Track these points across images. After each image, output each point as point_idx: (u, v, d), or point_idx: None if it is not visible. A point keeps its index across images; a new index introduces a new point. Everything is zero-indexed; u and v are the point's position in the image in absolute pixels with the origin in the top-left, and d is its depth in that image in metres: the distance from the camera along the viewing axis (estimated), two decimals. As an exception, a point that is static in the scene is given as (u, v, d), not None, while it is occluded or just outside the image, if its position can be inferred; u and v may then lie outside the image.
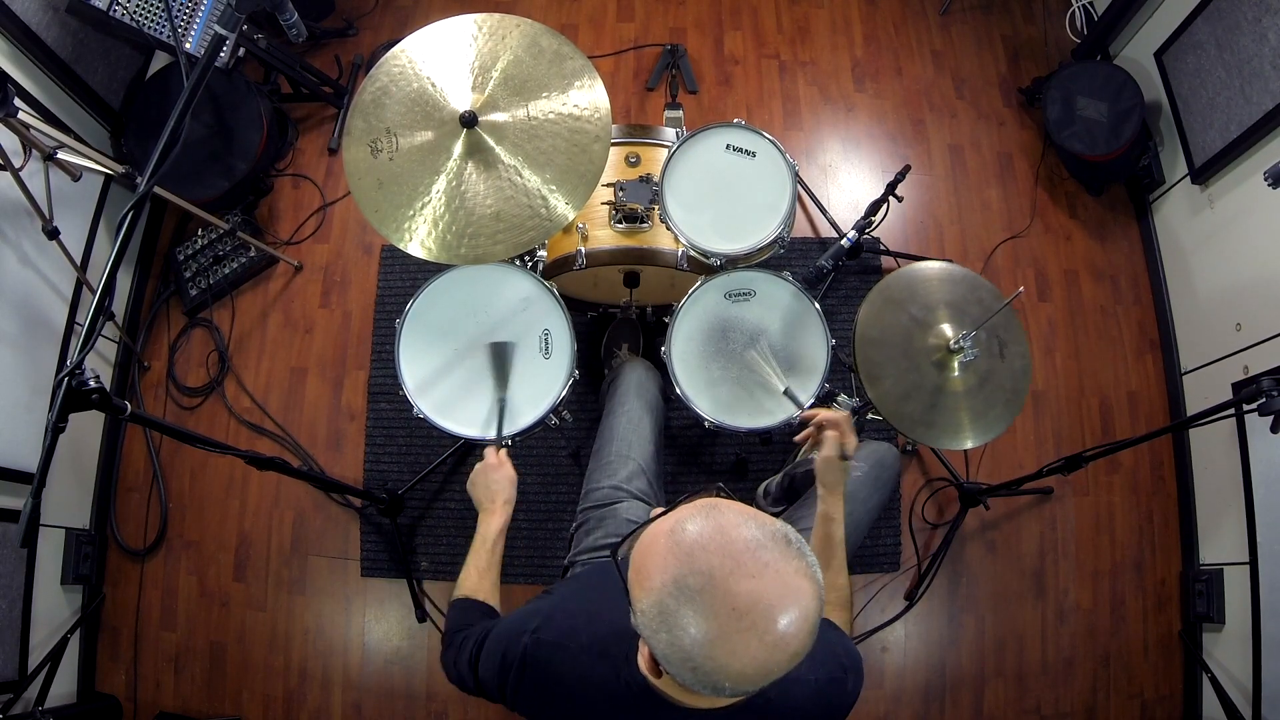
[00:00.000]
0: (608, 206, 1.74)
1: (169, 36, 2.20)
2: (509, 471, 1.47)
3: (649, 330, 2.29)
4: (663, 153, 1.76)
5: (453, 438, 1.67)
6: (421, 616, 2.20)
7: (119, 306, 2.46)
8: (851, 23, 2.84)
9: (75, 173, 1.94)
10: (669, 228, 1.70)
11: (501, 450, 1.51)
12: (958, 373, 1.58)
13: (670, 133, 1.81)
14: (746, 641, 0.74)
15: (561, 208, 1.48)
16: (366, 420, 2.38)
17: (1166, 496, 2.35)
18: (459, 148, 1.50)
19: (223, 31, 1.26)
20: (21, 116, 1.74)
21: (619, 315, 2.26)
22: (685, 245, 1.71)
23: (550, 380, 1.67)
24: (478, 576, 1.34)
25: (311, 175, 2.64)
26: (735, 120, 1.75)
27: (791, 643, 0.75)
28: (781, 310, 1.72)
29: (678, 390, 1.67)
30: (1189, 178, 2.34)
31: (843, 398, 1.74)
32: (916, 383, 1.58)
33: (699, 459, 2.32)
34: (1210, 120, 2.22)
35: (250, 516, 2.33)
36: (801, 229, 2.57)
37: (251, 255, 2.48)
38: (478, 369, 1.68)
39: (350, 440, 2.38)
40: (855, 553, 1.39)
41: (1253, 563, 2.00)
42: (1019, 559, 2.29)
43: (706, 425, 1.66)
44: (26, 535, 1.10)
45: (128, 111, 2.42)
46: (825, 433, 1.34)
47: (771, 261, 1.82)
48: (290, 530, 2.31)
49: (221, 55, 1.98)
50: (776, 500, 2.03)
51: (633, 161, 1.78)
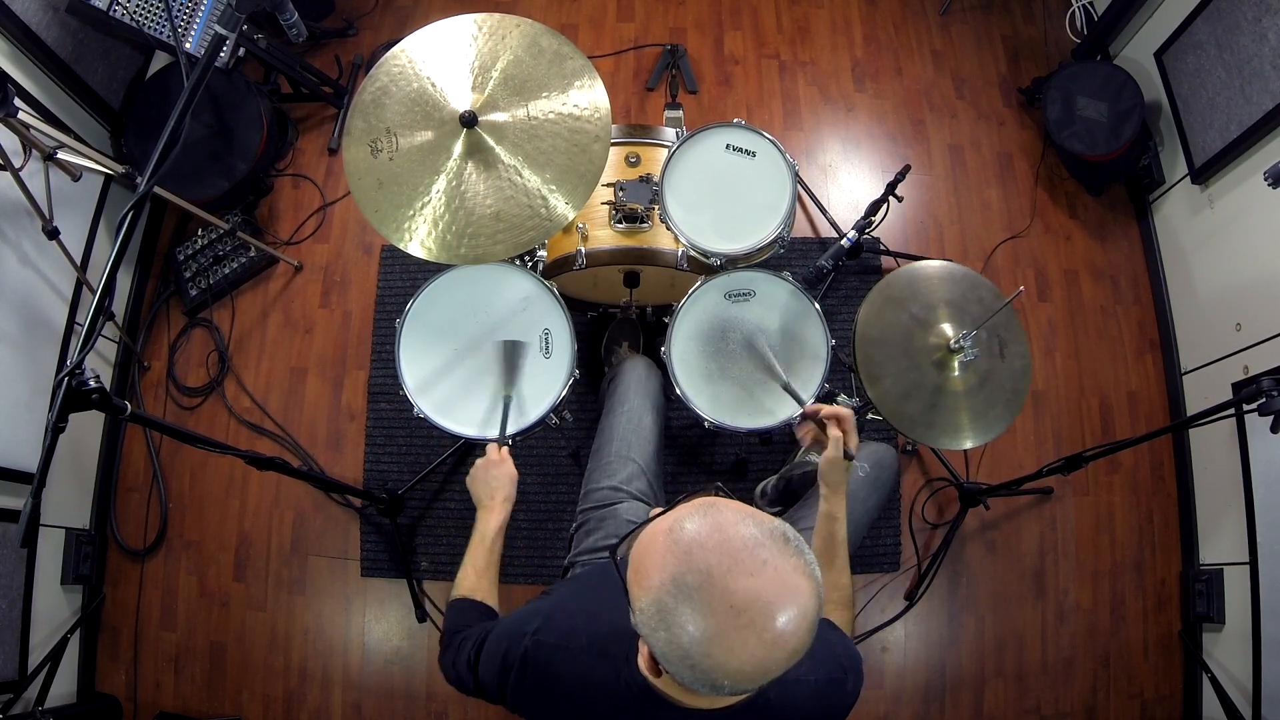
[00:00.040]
0: (608, 206, 1.74)
1: (169, 36, 2.20)
2: (510, 469, 1.46)
3: (649, 330, 2.29)
4: (663, 153, 1.76)
5: (453, 437, 1.67)
6: (421, 616, 2.20)
7: (119, 306, 2.46)
8: (851, 23, 2.84)
9: (75, 173, 1.94)
10: (669, 228, 1.70)
11: (504, 448, 1.50)
12: (958, 372, 1.58)
13: (670, 133, 1.81)
14: (745, 639, 0.74)
15: (561, 208, 1.48)
16: (366, 420, 2.38)
17: (1166, 496, 2.35)
18: (459, 148, 1.50)
19: (223, 31, 1.26)
20: (21, 116, 1.74)
21: (619, 315, 2.26)
22: (685, 245, 1.71)
23: (550, 380, 1.67)
24: (475, 576, 1.34)
25: (311, 175, 2.64)
26: (735, 120, 1.75)
27: (790, 640, 0.75)
28: (781, 310, 1.72)
29: (678, 390, 1.67)
30: (1189, 178, 2.34)
31: (843, 398, 1.74)
32: (916, 382, 1.58)
33: (699, 459, 2.32)
34: (1210, 120, 2.22)
35: (250, 516, 2.33)
36: (801, 229, 2.57)
37: (251, 255, 2.48)
38: (478, 369, 1.68)
39: (350, 440, 2.38)
40: (854, 553, 1.39)
41: (1253, 563, 2.00)
42: (1019, 559, 2.29)
43: (706, 425, 1.66)
44: (26, 535, 1.10)
45: (128, 111, 2.43)
46: (830, 432, 1.33)
47: (771, 261, 1.82)
48: (290, 530, 2.31)
49: (221, 55, 1.98)
50: (773, 502, 2.02)
51: (633, 161, 1.78)
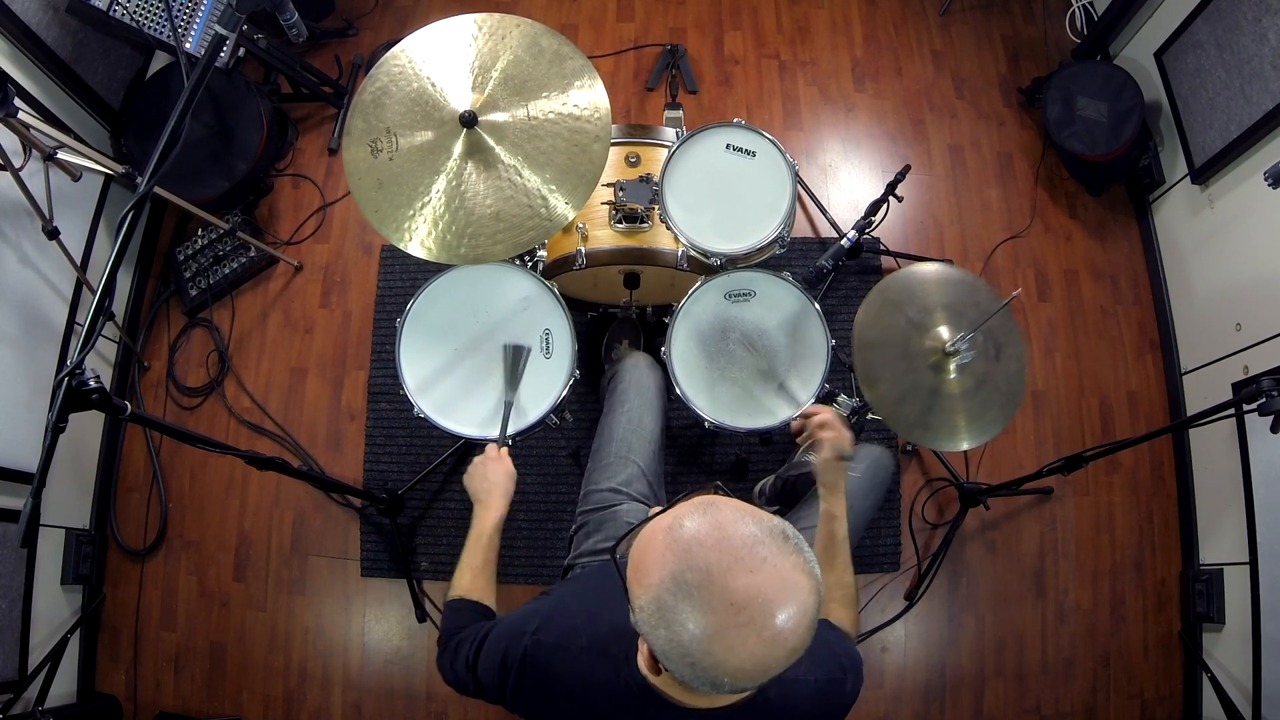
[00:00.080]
0: (608, 206, 1.74)
1: (169, 36, 2.20)
2: (507, 466, 1.45)
3: (649, 330, 2.29)
4: (663, 153, 1.76)
5: (453, 437, 1.67)
6: (421, 616, 2.20)
7: (119, 306, 2.46)
8: (851, 23, 2.84)
9: (75, 173, 1.94)
10: (669, 228, 1.71)
11: (503, 448, 1.50)
12: (954, 375, 1.58)
13: (670, 133, 1.81)
14: (744, 636, 0.74)
15: (561, 208, 1.48)
16: (366, 420, 2.38)
17: (1166, 496, 2.35)
18: (459, 148, 1.50)
19: (223, 31, 1.26)
20: (21, 116, 1.74)
21: (619, 315, 2.26)
22: (685, 245, 1.71)
23: (551, 380, 1.67)
24: (472, 576, 1.33)
25: (311, 175, 2.64)
26: (735, 120, 1.75)
27: (790, 638, 0.75)
28: (781, 310, 1.72)
29: (678, 390, 1.67)
30: (1189, 178, 2.34)
31: (843, 398, 1.74)
32: (913, 385, 1.58)
33: (699, 459, 2.32)
34: (1210, 120, 2.22)
35: (250, 516, 2.33)
36: (801, 229, 2.57)
37: (251, 255, 2.48)
38: (478, 369, 1.68)
39: (350, 440, 2.38)
40: (853, 553, 1.39)
41: (1253, 563, 2.00)
42: (1019, 559, 2.29)
43: (706, 425, 1.66)
44: (26, 535, 1.10)
45: (128, 111, 2.43)
46: (822, 435, 1.36)
47: (771, 261, 1.82)
48: (290, 530, 2.31)
49: (221, 55, 1.98)
50: (770, 502, 2.02)
51: (633, 161, 1.78)
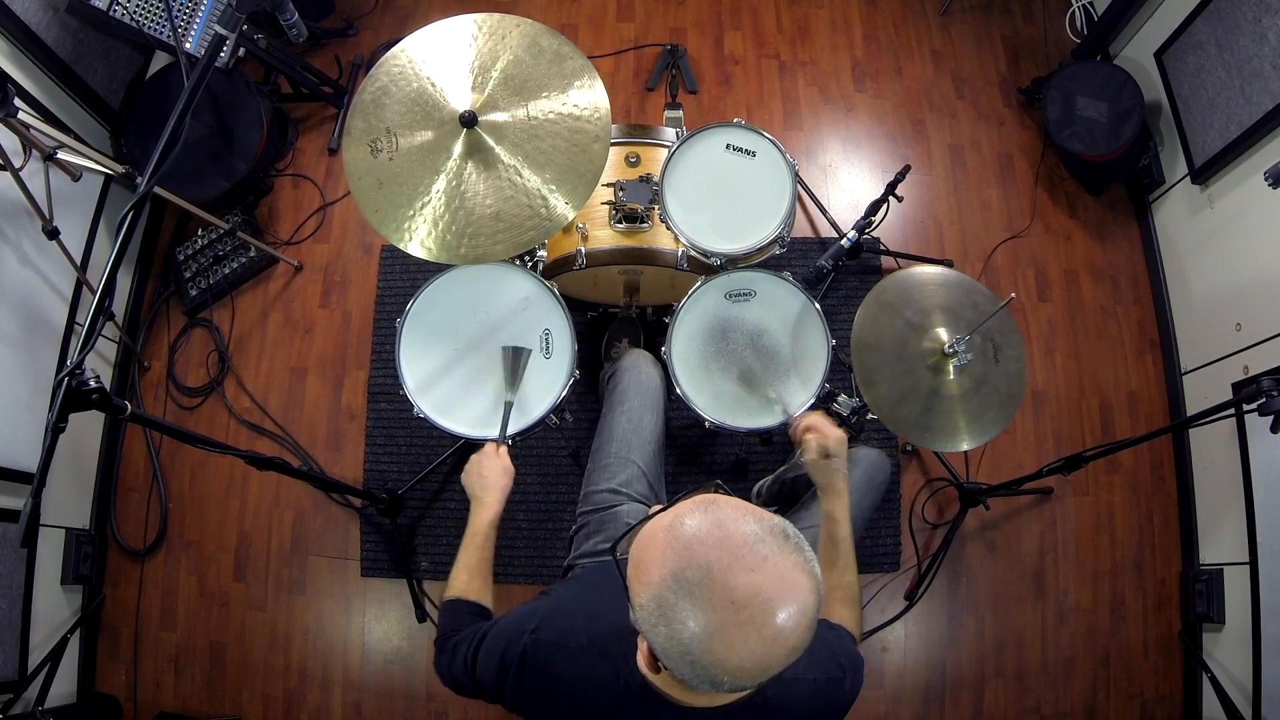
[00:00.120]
0: (608, 206, 1.74)
1: (169, 36, 2.20)
2: (504, 463, 1.45)
3: (649, 330, 2.29)
4: (663, 153, 1.76)
5: (453, 437, 1.67)
6: (421, 616, 2.20)
7: (119, 306, 2.46)
8: (851, 23, 2.84)
9: (75, 173, 1.95)
10: (669, 227, 1.71)
11: (502, 447, 1.50)
12: (953, 376, 1.58)
13: (670, 133, 1.81)
14: (744, 635, 0.74)
15: (561, 208, 1.48)
16: (366, 420, 2.38)
17: (1166, 496, 2.35)
18: (459, 148, 1.50)
19: (223, 31, 1.26)
20: (21, 116, 1.74)
21: (619, 315, 2.26)
22: (685, 245, 1.71)
23: (550, 380, 1.67)
24: (468, 575, 1.33)
25: (311, 175, 2.64)
26: (735, 120, 1.75)
27: (790, 637, 0.75)
28: (782, 310, 1.72)
29: (678, 390, 1.67)
30: (1189, 178, 2.34)
31: (843, 398, 1.74)
32: (912, 386, 1.58)
33: (699, 459, 2.32)
34: (1210, 120, 2.22)
35: (250, 516, 2.33)
36: (801, 229, 2.57)
37: (251, 255, 2.48)
38: (478, 369, 1.68)
39: (350, 440, 2.38)
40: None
41: (1253, 563, 2.00)
42: (1019, 559, 2.29)
43: (706, 425, 1.66)
44: (26, 535, 1.10)
45: (128, 111, 2.43)
46: (807, 437, 1.37)
47: (771, 261, 1.82)
48: (290, 530, 2.31)
49: (221, 55, 1.98)
50: (767, 502, 2.01)
51: (633, 161, 1.78)
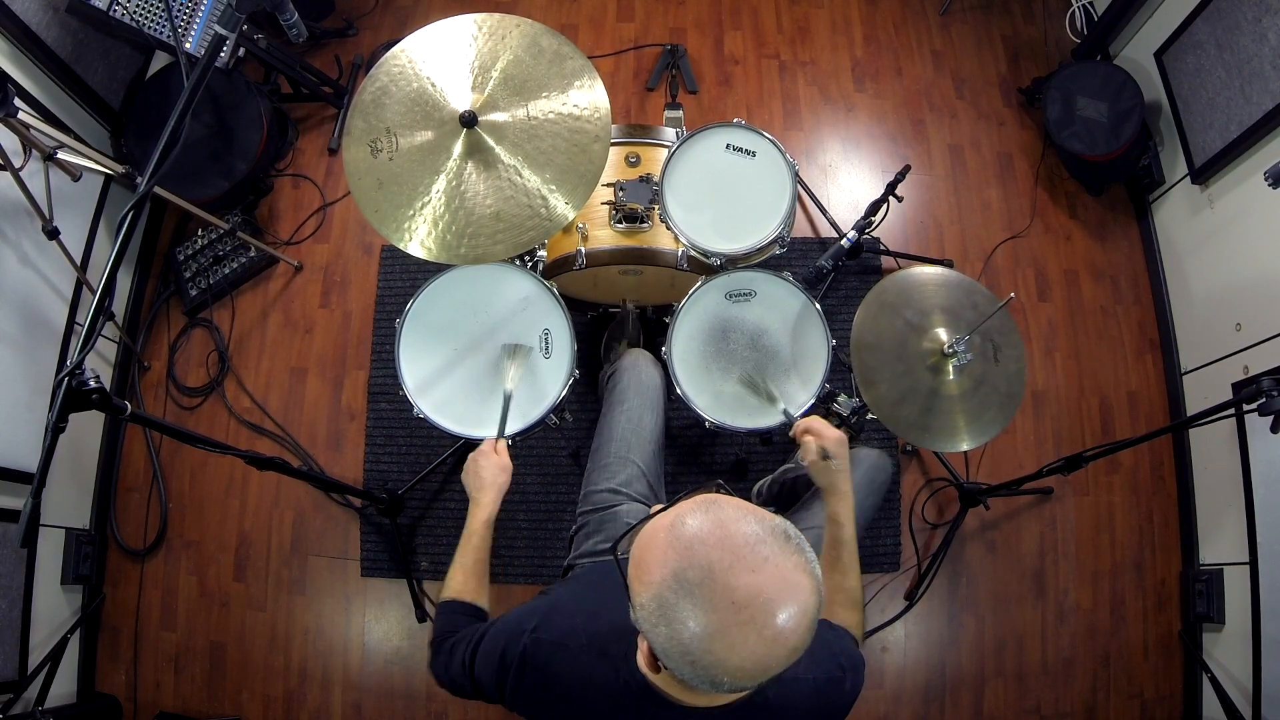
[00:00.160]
0: (608, 206, 1.74)
1: (169, 36, 2.20)
2: (501, 460, 1.44)
3: (649, 330, 2.29)
4: (663, 153, 1.76)
5: (453, 437, 1.67)
6: (421, 616, 2.20)
7: (119, 306, 2.46)
8: (851, 23, 2.84)
9: (75, 173, 1.94)
10: (669, 227, 1.71)
11: (501, 442, 1.49)
12: (952, 376, 1.58)
13: (670, 133, 1.81)
14: (745, 635, 0.74)
15: (561, 208, 1.48)
16: (366, 420, 2.38)
17: (1166, 496, 2.35)
18: (459, 148, 1.50)
19: (223, 31, 1.26)
20: (21, 116, 1.74)
21: (619, 315, 2.26)
22: (685, 245, 1.71)
23: (550, 380, 1.67)
24: (464, 576, 1.32)
25: (311, 175, 2.64)
26: (735, 120, 1.75)
27: (790, 638, 0.75)
28: (782, 310, 1.72)
29: (678, 390, 1.67)
30: (1189, 178, 2.34)
31: (843, 398, 1.74)
32: (912, 386, 1.58)
33: (699, 459, 2.32)
34: (1210, 120, 2.22)
35: (250, 516, 2.33)
36: (801, 229, 2.57)
37: (251, 255, 2.48)
38: (478, 369, 1.68)
39: (350, 440, 2.38)
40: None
41: (1253, 563, 2.00)
42: (1019, 559, 2.29)
43: (707, 425, 1.66)
44: (26, 535, 1.10)
45: (128, 111, 2.43)
46: (805, 439, 1.36)
47: (771, 261, 1.82)
48: (290, 530, 2.31)
49: (221, 55, 1.98)
50: (767, 502, 2.01)
51: (633, 161, 1.78)
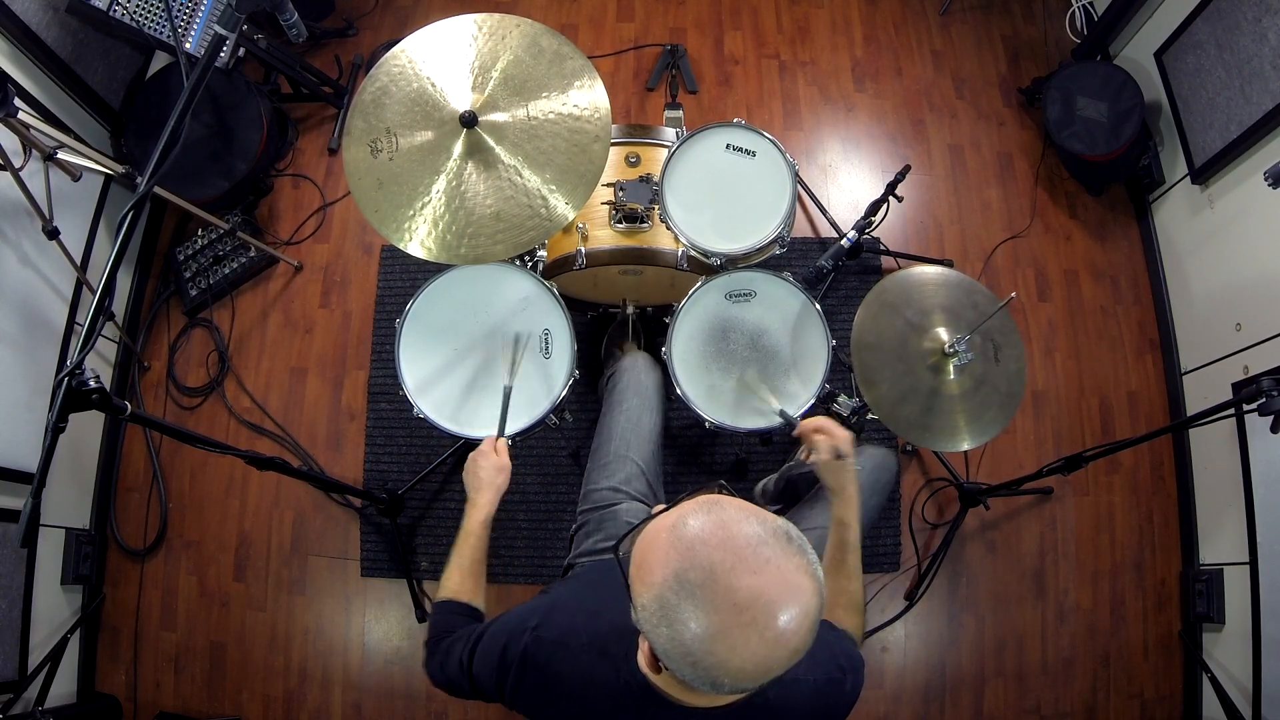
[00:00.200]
0: (608, 206, 1.74)
1: (169, 36, 2.20)
2: (500, 460, 1.44)
3: (649, 330, 2.29)
4: (663, 153, 1.76)
5: (453, 437, 1.67)
6: (421, 616, 2.20)
7: (119, 306, 2.46)
8: (851, 23, 2.84)
9: (75, 173, 1.94)
10: (669, 228, 1.70)
11: (501, 441, 1.49)
12: (953, 376, 1.58)
13: (670, 133, 1.81)
14: (746, 637, 0.74)
15: (561, 208, 1.48)
16: (366, 420, 2.38)
17: (1166, 496, 2.35)
18: (459, 148, 1.50)
19: (223, 31, 1.26)
20: (21, 116, 1.74)
21: (619, 315, 2.26)
22: (685, 245, 1.71)
23: (550, 380, 1.67)
24: (460, 576, 1.32)
25: (311, 175, 2.64)
26: (735, 120, 1.75)
27: (791, 639, 0.75)
28: (782, 310, 1.72)
29: (678, 390, 1.67)
30: (1189, 178, 2.34)
31: (843, 398, 1.74)
32: (912, 386, 1.58)
33: (699, 459, 2.32)
34: (1210, 120, 2.22)
35: (250, 516, 2.33)
36: (801, 229, 2.57)
37: (251, 255, 2.48)
38: (478, 369, 1.68)
39: (350, 440, 2.38)
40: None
41: (1253, 563, 2.00)
42: (1019, 559, 2.29)
43: (707, 426, 1.66)
44: (26, 535, 1.10)
45: (128, 111, 2.42)
46: (816, 438, 1.35)
47: (771, 261, 1.82)
48: (290, 530, 2.31)
49: (221, 55, 1.98)
50: (773, 500, 2.02)
51: (633, 161, 1.78)
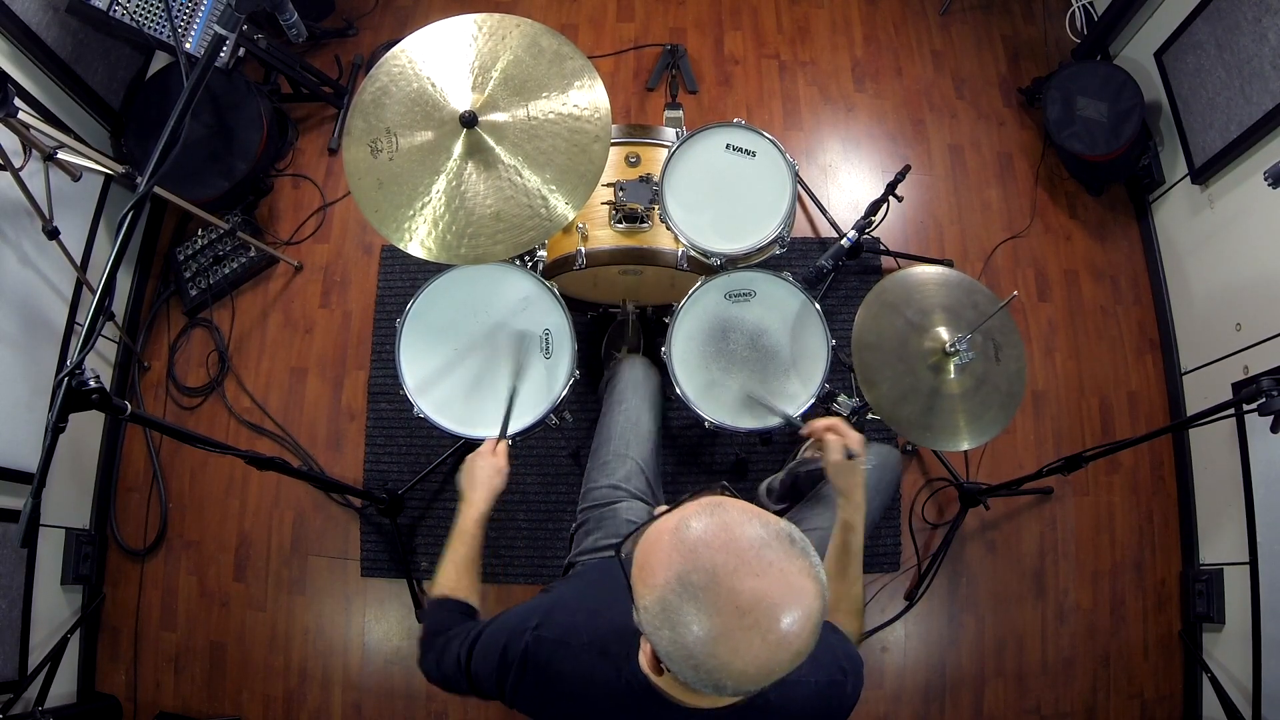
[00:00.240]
0: (608, 206, 1.74)
1: (169, 36, 2.20)
2: (497, 461, 1.44)
3: (649, 330, 2.29)
4: (663, 153, 1.76)
5: (453, 437, 1.67)
6: (421, 616, 2.20)
7: (119, 306, 2.46)
8: (851, 23, 2.84)
9: (75, 173, 1.94)
10: (669, 228, 1.70)
11: (501, 443, 1.49)
12: (953, 375, 1.59)
13: (670, 133, 1.81)
14: (749, 640, 0.74)
15: (561, 208, 1.48)
16: (366, 420, 2.38)
17: (1166, 496, 2.35)
18: (459, 148, 1.50)
19: (223, 31, 1.26)
20: (21, 116, 1.74)
21: (618, 316, 2.26)
22: (685, 245, 1.71)
23: (550, 380, 1.67)
24: (456, 572, 1.33)
25: (311, 175, 2.64)
26: (735, 120, 1.75)
27: (794, 642, 0.75)
28: (782, 310, 1.72)
29: (678, 390, 1.67)
30: (1189, 178, 2.34)
31: (843, 398, 1.74)
32: (913, 385, 1.58)
33: (699, 459, 2.32)
34: (1210, 120, 2.22)
35: (250, 516, 2.33)
36: (801, 229, 2.57)
37: (251, 255, 2.48)
38: (478, 369, 1.68)
39: (350, 440, 2.37)
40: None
41: (1253, 563, 2.00)
42: (1019, 559, 2.29)
43: (706, 425, 1.66)
44: (26, 535, 1.10)
45: (128, 111, 2.42)
46: (827, 436, 1.32)
47: (771, 261, 1.82)
48: (290, 530, 2.31)
49: (221, 55, 1.98)
50: (780, 498, 2.02)
51: (633, 161, 1.78)
